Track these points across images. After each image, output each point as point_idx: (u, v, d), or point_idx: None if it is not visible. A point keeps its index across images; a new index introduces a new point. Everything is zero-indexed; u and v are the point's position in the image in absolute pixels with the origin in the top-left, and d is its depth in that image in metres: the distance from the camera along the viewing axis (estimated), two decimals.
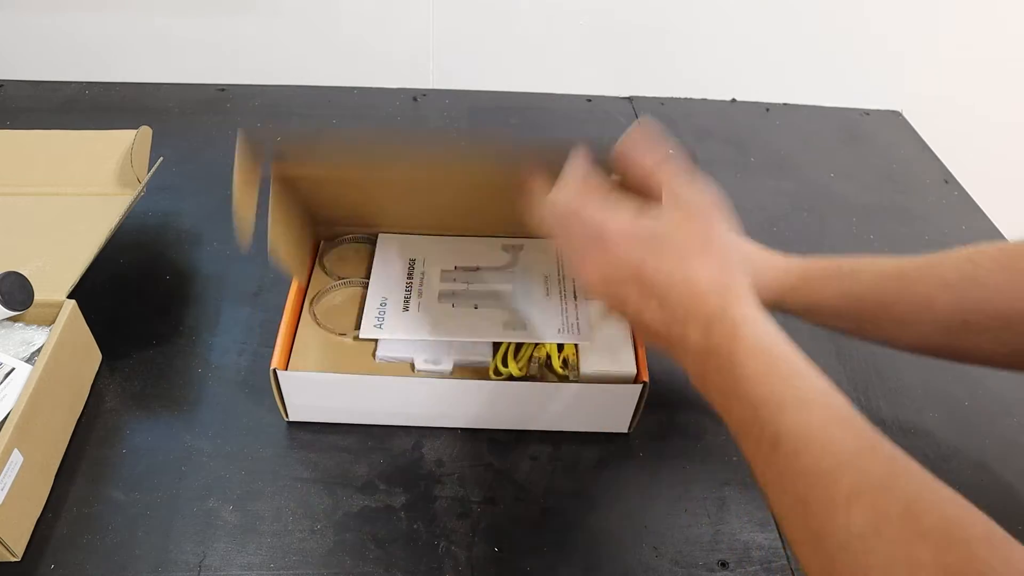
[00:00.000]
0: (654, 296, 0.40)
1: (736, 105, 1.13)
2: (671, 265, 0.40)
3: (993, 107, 1.23)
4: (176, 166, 0.86)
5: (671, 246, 0.40)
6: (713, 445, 0.65)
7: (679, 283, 0.39)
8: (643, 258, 0.40)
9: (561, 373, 0.63)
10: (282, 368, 0.60)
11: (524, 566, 0.56)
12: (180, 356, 0.69)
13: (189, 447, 0.62)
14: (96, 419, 0.63)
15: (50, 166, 0.77)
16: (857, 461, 0.33)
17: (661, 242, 0.40)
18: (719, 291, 0.39)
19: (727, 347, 0.38)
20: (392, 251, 0.70)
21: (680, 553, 0.58)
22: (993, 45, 1.16)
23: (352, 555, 0.56)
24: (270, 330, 0.65)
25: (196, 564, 0.54)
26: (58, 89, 1.02)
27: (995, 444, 0.68)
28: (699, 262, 0.39)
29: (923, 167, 1.05)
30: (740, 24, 1.11)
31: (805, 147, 1.05)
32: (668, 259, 0.40)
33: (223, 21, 1.04)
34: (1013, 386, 0.74)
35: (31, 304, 0.61)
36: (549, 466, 0.63)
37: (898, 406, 0.71)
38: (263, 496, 0.59)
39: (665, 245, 0.40)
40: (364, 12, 1.05)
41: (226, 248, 0.80)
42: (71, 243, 0.66)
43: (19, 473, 0.52)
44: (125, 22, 1.04)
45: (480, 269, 0.68)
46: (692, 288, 0.39)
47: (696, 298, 0.39)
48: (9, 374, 0.58)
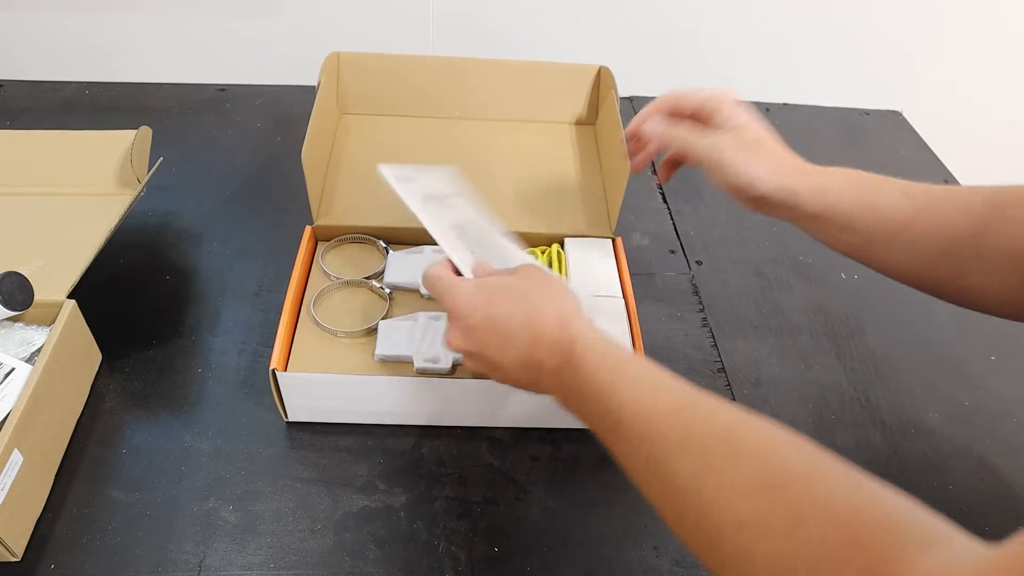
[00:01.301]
0: (504, 335, 0.47)
1: None
2: (513, 306, 0.48)
3: (993, 107, 1.23)
4: (176, 166, 0.86)
5: (512, 292, 0.48)
6: None
7: (521, 318, 0.47)
8: (490, 304, 0.48)
9: None
10: (281, 369, 0.60)
11: (524, 566, 0.56)
12: (180, 356, 0.69)
13: (189, 447, 0.62)
14: (96, 419, 0.63)
15: (50, 166, 0.77)
16: (683, 413, 0.39)
17: (503, 290, 0.49)
18: (557, 316, 0.47)
19: (568, 356, 0.45)
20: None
21: (680, 553, 0.58)
22: (993, 45, 1.16)
23: (352, 555, 0.56)
24: (270, 330, 0.66)
25: (196, 564, 0.54)
26: (58, 89, 1.02)
27: (995, 444, 0.68)
28: (538, 300, 0.47)
29: (923, 167, 1.05)
30: (740, 24, 1.11)
31: (805, 147, 1.04)
32: (511, 302, 0.48)
33: (223, 21, 1.04)
34: (1013, 386, 0.74)
35: (31, 304, 0.61)
36: (549, 466, 0.63)
37: (898, 406, 0.71)
38: (263, 496, 0.59)
39: (507, 292, 0.49)
40: (364, 13, 1.05)
41: (226, 248, 0.80)
42: (71, 243, 0.66)
43: (19, 473, 0.52)
44: (125, 22, 1.04)
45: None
46: (534, 319, 0.47)
47: (538, 326, 0.46)
48: (9, 374, 0.58)
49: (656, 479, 0.39)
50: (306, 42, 1.03)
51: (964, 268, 0.50)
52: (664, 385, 0.42)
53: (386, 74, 0.87)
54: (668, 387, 0.42)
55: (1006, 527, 0.30)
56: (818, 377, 0.72)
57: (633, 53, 1.11)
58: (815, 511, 0.32)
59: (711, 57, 1.14)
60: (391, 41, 1.07)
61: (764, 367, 0.73)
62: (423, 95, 0.88)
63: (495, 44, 1.09)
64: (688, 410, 0.40)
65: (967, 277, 0.50)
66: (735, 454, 0.36)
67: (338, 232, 0.73)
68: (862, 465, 0.69)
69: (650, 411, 0.40)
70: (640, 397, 0.41)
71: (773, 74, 1.15)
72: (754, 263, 0.85)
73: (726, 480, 0.35)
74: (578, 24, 1.09)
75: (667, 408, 0.40)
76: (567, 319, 0.46)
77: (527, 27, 1.08)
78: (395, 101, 0.88)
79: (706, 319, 0.78)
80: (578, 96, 0.89)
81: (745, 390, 0.71)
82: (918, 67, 1.17)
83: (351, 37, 1.06)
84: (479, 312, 0.48)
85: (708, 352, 0.74)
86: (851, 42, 1.14)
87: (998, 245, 0.48)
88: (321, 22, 1.05)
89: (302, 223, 0.71)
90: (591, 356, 0.44)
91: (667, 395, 0.41)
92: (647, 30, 1.10)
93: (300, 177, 0.67)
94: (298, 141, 0.66)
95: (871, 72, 1.17)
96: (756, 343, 0.75)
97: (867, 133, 1.10)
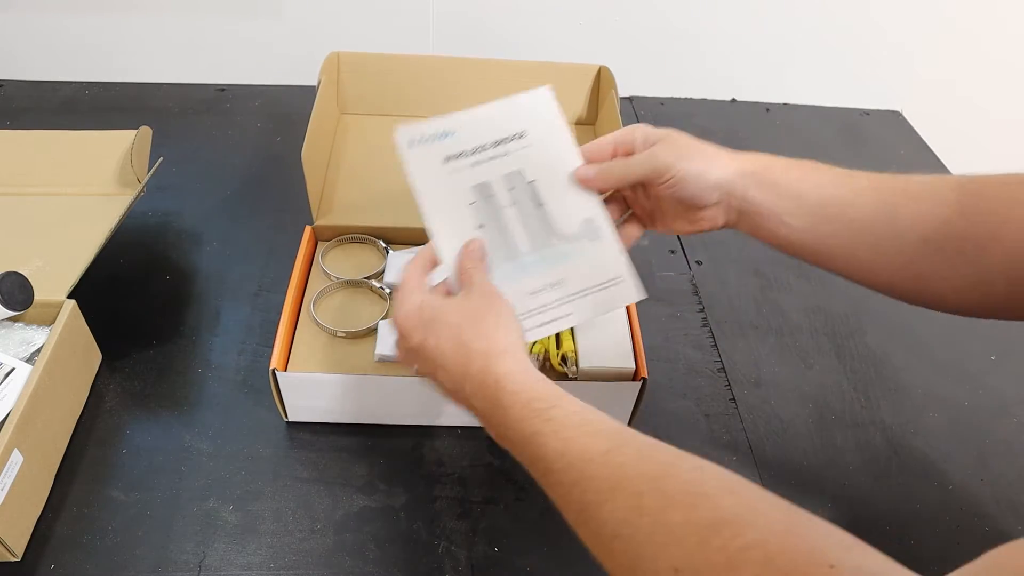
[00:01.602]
0: (436, 365, 0.47)
1: (736, 105, 1.13)
2: (443, 341, 0.47)
3: (993, 107, 1.23)
4: (176, 166, 0.86)
5: (445, 325, 0.47)
6: (713, 443, 0.65)
7: (451, 354, 0.46)
8: (424, 331, 0.47)
9: (560, 370, 0.63)
10: (281, 369, 0.60)
11: (524, 566, 0.56)
12: (180, 356, 0.69)
13: (189, 447, 0.62)
14: (96, 419, 0.63)
15: (50, 166, 0.77)
16: (613, 458, 0.39)
17: (437, 321, 0.47)
18: (483, 356, 0.45)
19: (496, 400, 0.44)
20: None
21: None
22: (993, 45, 1.16)
23: (352, 555, 0.56)
24: (270, 330, 0.66)
25: (196, 564, 0.54)
26: (58, 89, 1.02)
27: (995, 444, 0.68)
28: (470, 337, 0.46)
29: (923, 167, 1.05)
30: (740, 24, 1.11)
31: (805, 147, 1.05)
32: (442, 336, 0.47)
33: (223, 21, 1.04)
34: (1013, 386, 0.74)
35: (31, 304, 0.61)
36: None
37: (898, 406, 0.71)
38: (263, 496, 0.59)
39: (440, 324, 0.47)
40: (364, 13, 1.05)
41: (226, 248, 0.80)
42: (71, 243, 0.66)
43: (19, 473, 0.52)
44: (125, 22, 1.04)
45: None
46: (463, 357, 0.46)
47: (465, 367, 0.46)
48: (9, 374, 0.58)
49: (590, 525, 0.38)
50: (306, 42, 1.04)
51: (910, 254, 0.48)
52: (593, 429, 0.41)
53: (386, 74, 0.87)
54: (597, 431, 0.41)
55: (1006, 527, 0.30)
56: (818, 377, 0.72)
57: (633, 53, 1.11)
58: (749, 555, 0.32)
59: (711, 57, 1.14)
60: (391, 41, 1.07)
61: (764, 367, 0.73)
62: (423, 95, 0.88)
63: (495, 44, 1.09)
64: (618, 454, 0.39)
65: (914, 265, 0.48)
66: (666, 498, 0.36)
67: (338, 232, 0.73)
68: (862, 465, 0.70)
69: (580, 457, 0.40)
70: (570, 444, 0.40)
71: (773, 74, 1.15)
72: (754, 263, 0.85)
73: (659, 525, 0.35)
74: (578, 24, 1.08)
75: (596, 453, 0.39)
76: (493, 360, 0.45)
77: (527, 27, 1.08)
78: (395, 101, 0.88)
79: (706, 319, 0.78)
80: (578, 96, 0.89)
81: (745, 390, 0.71)
82: (918, 67, 1.17)
83: (351, 37, 1.06)
84: (415, 338, 0.48)
85: (708, 352, 0.74)
86: (851, 42, 1.14)
87: (940, 229, 0.47)
88: (321, 22, 1.05)
89: (302, 223, 0.71)
90: (517, 403, 0.43)
91: (596, 440, 0.40)
92: (647, 30, 1.10)
93: (300, 177, 0.67)
94: (298, 141, 0.66)
95: (871, 72, 1.17)
96: (756, 343, 0.75)
97: (867, 133, 1.10)
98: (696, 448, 0.38)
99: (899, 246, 0.49)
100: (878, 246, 0.49)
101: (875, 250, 0.50)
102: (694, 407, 0.69)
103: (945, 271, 0.48)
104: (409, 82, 0.87)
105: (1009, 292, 0.46)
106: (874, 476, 0.65)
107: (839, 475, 0.65)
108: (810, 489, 0.63)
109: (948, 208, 0.47)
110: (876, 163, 1.03)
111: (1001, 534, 0.61)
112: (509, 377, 0.44)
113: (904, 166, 1.04)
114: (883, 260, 0.50)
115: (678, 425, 0.67)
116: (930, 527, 0.61)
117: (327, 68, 0.82)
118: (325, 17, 1.05)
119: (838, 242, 0.50)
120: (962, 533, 0.61)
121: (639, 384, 0.61)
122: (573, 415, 0.42)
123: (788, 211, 0.51)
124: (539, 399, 0.43)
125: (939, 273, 0.48)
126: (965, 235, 0.46)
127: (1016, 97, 1.22)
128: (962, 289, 0.48)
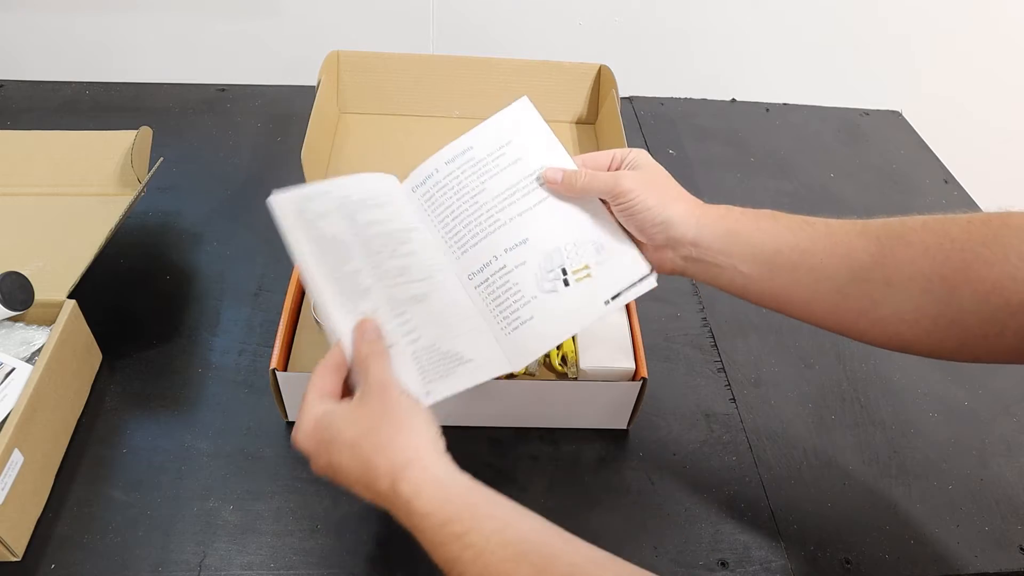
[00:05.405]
0: (352, 483, 0.46)
1: (736, 105, 1.13)
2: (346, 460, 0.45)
3: (993, 107, 1.24)
4: (176, 166, 0.86)
5: (344, 443, 0.45)
6: (713, 443, 0.65)
7: (357, 474, 0.45)
8: (327, 452, 0.46)
9: (560, 371, 0.63)
10: (281, 369, 0.60)
11: None
12: (180, 356, 0.69)
13: (189, 447, 0.62)
14: (96, 419, 0.63)
15: (50, 166, 0.77)
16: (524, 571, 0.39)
17: (335, 441, 0.45)
18: (388, 474, 0.43)
19: (408, 519, 0.43)
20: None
21: (680, 552, 0.58)
22: (993, 46, 1.16)
23: (352, 555, 0.56)
24: (270, 330, 0.66)
25: (196, 564, 0.54)
26: (58, 89, 1.02)
27: (995, 444, 0.68)
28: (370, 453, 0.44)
29: (923, 167, 1.05)
30: (740, 24, 1.11)
31: (805, 147, 1.05)
32: (344, 455, 0.45)
33: (223, 21, 1.04)
34: (1013, 386, 0.74)
35: (31, 304, 0.61)
36: (549, 466, 0.63)
37: (898, 406, 0.71)
38: (263, 496, 0.59)
39: (339, 443, 0.45)
40: (364, 13, 1.05)
41: (226, 248, 0.80)
42: (71, 243, 0.66)
43: (19, 473, 0.52)
44: (125, 22, 1.04)
45: None
46: (368, 476, 0.44)
47: (373, 487, 0.44)
48: (9, 374, 0.58)
49: None
50: (306, 42, 1.04)
51: (874, 297, 0.47)
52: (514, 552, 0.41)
53: (386, 74, 0.87)
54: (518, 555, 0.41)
55: (1006, 527, 0.30)
56: (818, 377, 0.72)
57: (633, 53, 1.11)
58: None
59: (711, 57, 1.14)
60: (391, 41, 1.07)
61: (764, 367, 0.73)
62: (423, 95, 0.88)
63: (495, 44, 1.09)
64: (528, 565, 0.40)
65: (878, 308, 0.47)
66: None
67: None
68: (862, 465, 0.70)
69: None
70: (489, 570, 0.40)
71: (773, 74, 1.15)
72: None
73: None
74: (578, 24, 1.09)
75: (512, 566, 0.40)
76: (398, 479, 0.43)
77: (527, 27, 1.08)
78: (395, 101, 0.88)
79: (706, 319, 0.78)
80: (578, 95, 0.89)
81: (745, 390, 0.71)
82: (918, 67, 1.18)
83: (351, 37, 1.06)
84: (320, 460, 0.46)
85: (708, 352, 0.74)
86: (851, 42, 1.14)
87: (903, 270, 0.46)
88: (321, 22, 1.05)
89: None
90: (431, 527, 0.42)
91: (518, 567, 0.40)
92: (647, 30, 1.10)
93: (300, 177, 0.67)
94: (298, 141, 0.66)
95: (871, 72, 1.17)
96: (756, 343, 0.75)
97: (867, 133, 1.10)
98: (696, 448, 0.38)
99: (863, 290, 0.47)
100: (840, 291, 0.48)
101: (839, 295, 0.48)
102: (694, 407, 0.69)
103: (911, 313, 0.46)
104: (409, 82, 0.87)
105: (985, 332, 0.44)
106: (874, 476, 0.65)
107: (839, 475, 0.65)
108: (810, 489, 0.63)
109: (912, 249, 0.46)
110: (876, 163, 1.04)
111: (1001, 534, 0.61)
112: (418, 497, 0.43)
113: (904, 166, 1.04)
114: (847, 305, 0.48)
115: (678, 425, 0.67)
116: (930, 527, 0.61)
117: (327, 68, 0.82)
118: (325, 17, 1.05)
119: (799, 290, 0.50)
120: (962, 533, 0.61)
121: (639, 384, 0.61)
122: (492, 537, 0.41)
123: (743, 259, 0.50)
124: (453, 520, 0.42)
125: (905, 316, 0.47)
126: (930, 275, 0.45)
127: (1016, 97, 1.22)
128: (932, 331, 0.46)
